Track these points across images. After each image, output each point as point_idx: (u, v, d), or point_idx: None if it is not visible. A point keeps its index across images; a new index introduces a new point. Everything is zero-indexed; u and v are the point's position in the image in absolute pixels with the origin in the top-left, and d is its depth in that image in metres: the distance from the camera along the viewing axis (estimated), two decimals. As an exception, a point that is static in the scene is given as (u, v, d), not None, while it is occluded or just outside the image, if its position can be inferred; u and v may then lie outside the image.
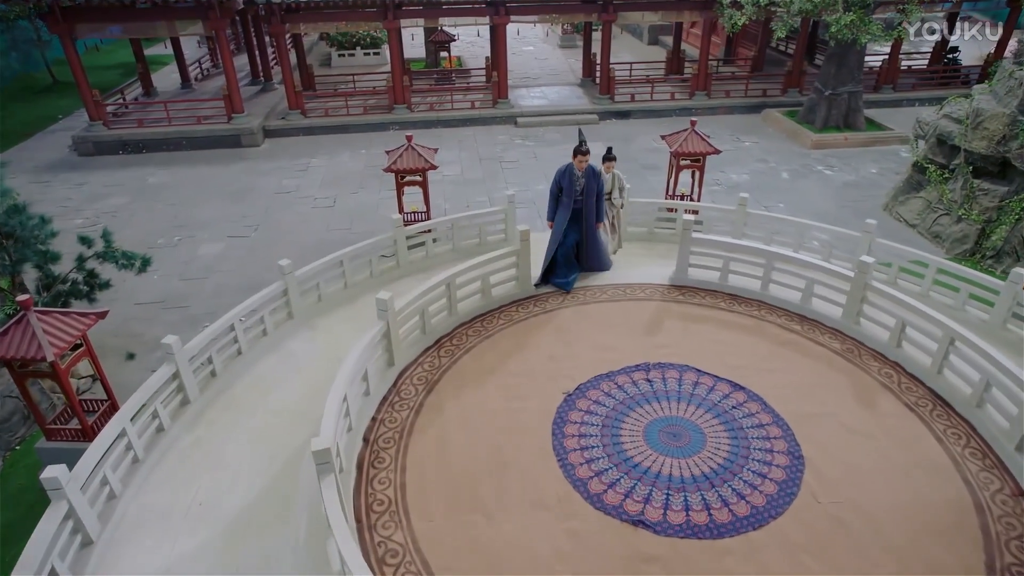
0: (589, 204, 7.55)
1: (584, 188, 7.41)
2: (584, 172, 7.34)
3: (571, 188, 7.37)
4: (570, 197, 7.40)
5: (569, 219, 7.50)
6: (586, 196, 7.46)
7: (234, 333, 7.07)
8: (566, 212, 7.47)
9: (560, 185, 7.45)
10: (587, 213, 7.58)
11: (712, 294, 7.60)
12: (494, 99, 17.47)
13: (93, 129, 15.18)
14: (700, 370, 6.34)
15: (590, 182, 7.40)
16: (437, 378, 6.33)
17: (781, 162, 14.48)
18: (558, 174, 7.43)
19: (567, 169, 7.37)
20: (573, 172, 7.33)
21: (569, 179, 7.34)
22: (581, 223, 7.59)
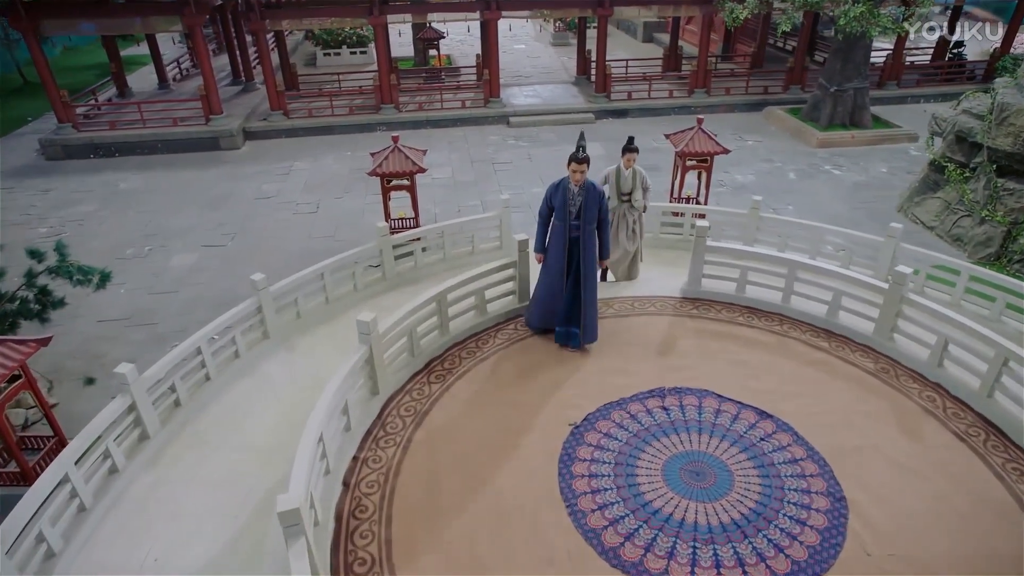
0: (588, 233, 5.82)
1: (581, 209, 5.75)
2: (581, 187, 5.73)
3: (564, 208, 5.81)
4: (563, 221, 5.83)
5: (565, 252, 5.90)
6: (584, 221, 5.77)
7: (201, 357, 6.36)
8: (560, 242, 5.87)
9: (551, 204, 5.92)
10: (584, 245, 5.85)
11: (728, 307, 6.94)
12: (485, 98, 16.79)
13: (62, 132, 14.37)
14: (721, 395, 5.68)
15: (590, 202, 5.73)
16: (427, 408, 5.63)
17: (787, 162, 13.88)
18: (549, 190, 5.91)
19: (560, 184, 5.81)
20: (567, 187, 5.78)
21: (562, 197, 5.79)
22: (576, 259, 5.91)
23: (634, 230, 7.29)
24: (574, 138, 12.01)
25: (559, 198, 5.83)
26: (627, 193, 7.09)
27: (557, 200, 5.85)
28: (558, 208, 5.85)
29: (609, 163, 14.65)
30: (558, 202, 5.84)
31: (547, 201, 5.97)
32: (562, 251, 5.90)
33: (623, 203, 7.15)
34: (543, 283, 6.14)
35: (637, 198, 7.12)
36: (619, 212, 7.14)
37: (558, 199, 5.84)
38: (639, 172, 7.05)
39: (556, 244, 5.93)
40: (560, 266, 5.93)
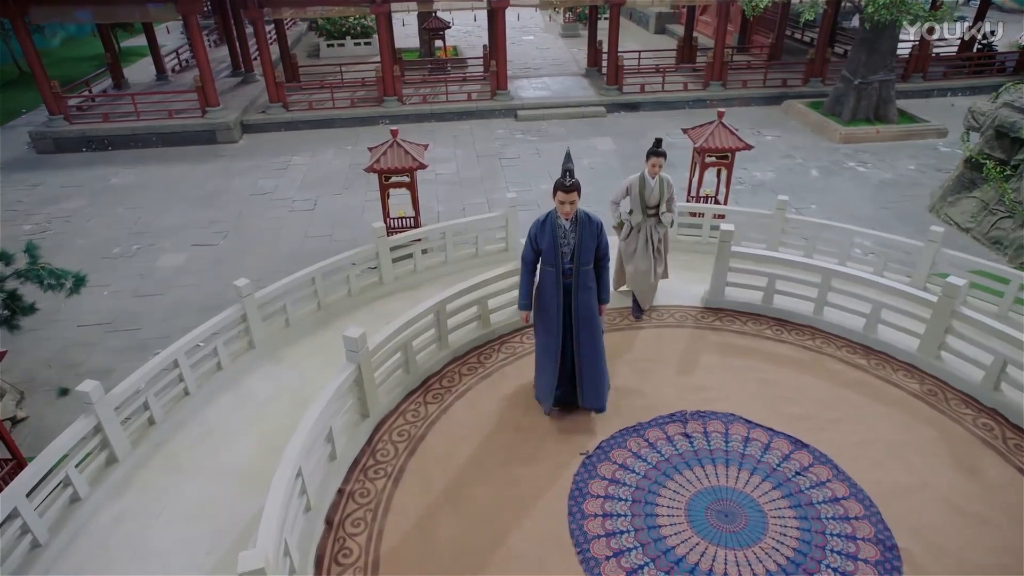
0: (584, 276, 4.63)
1: (576, 250, 4.56)
2: (574, 221, 4.53)
3: (554, 249, 4.56)
4: (555, 265, 4.61)
5: (559, 305, 4.70)
6: (578, 262, 4.58)
7: (179, 370, 5.84)
8: (553, 292, 4.67)
9: (537, 246, 4.63)
10: (579, 293, 4.65)
11: (755, 319, 6.34)
12: (492, 90, 16.17)
13: (54, 124, 13.88)
14: (750, 421, 5.08)
15: (586, 239, 4.53)
16: (423, 432, 5.08)
17: (809, 158, 13.21)
18: (533, 230, 4.63)
19: (546, 220, 4.58)
20: (555, 222, 4.54)
21: (551, 235, 4.54)
22: (570, 311, 4.71)
23: (659, 250, 6.27)
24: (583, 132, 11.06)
25: (547, 238, 4.56)
26: (654, 206, 6.08)
27: (544, 240, 4.57)
28: (547, 250, 4.58)
29: (619, 159, 14.02)
30: (546, 243, 4.57)
31: (531, 243, 4.64)
32: (556, 303, 4.67)
33: (649, 218, 6.10)
34: (540, 348, 4.94)
35: (664, 212, 6.09)
36: (644, 229, 6.11)
37: (545, 239, 4.56)
38: (666, 180, 6.03)
39: (548, 296, 4.68)
40: (556, 322, 4.72)
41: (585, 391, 4.95)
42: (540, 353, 4.98)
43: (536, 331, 4.98)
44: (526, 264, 4.77)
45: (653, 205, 6.05)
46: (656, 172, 5.93)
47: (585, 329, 4.75)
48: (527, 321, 4.88)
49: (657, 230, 6.20)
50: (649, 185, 6.00)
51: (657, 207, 6.06)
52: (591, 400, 4.99)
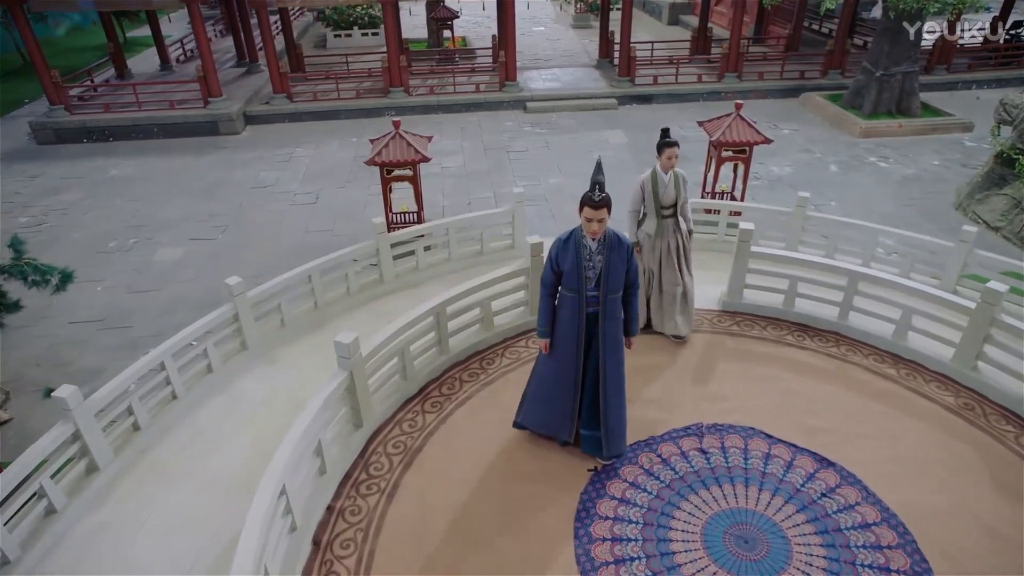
0: (611, 305, 4.09)
1: (603, 275, 4.03)
2: (602, 242, 3.99)
3: (577, 273, 4.03)
4: (576, 291, 4.06)
5: (579, 333, 4.14)
6: (606, 289, 4.04)
7: (165, 373, 5.56)
8: (573, 320, 4.12)
9: (558, 268, 4.12)
10: (606, 322, 4.12)
11: (775, 323, 5.97)
12: (501, 81, 15.78)
13: (54, 115, 13.65)
14: (771, 436, 4.73)
15: (614, 263, 3.99)
16: (419, 444, 4.76)
17: (827, 152, 12.74)
18: (555, 248, 4.10)
19: (570, 239, 4.05)
20: (580, 242, 4.00)
21: (575, 257, 4.00)
22: (595, 344, 4.18)
23: (683, 256, 5.50)
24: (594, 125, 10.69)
25: (570, 259, 4.01)
26: (670, 205, 5.36)
27: (567, 262, 4.03)
28: (569, 273, 4.05)
29: (631, 152, 13.61)
30: (568, 264, 4.02)
31: (552, 264, 4.11)
32: (575, 332, 4.13)
33: (665, 219, 5.40)
34: (547, 376, 4.37)
35: (685, 209, 5.44)
36: (662, 234, 5.44)
37: (568, 260, 4.02)
38: (682, 176, 5.38)
39: (567, 323, 4.16)
40: (573, 353, 4.18)
41: (611, 437, 4.34)
42: (545, 386, 4.41)
43: (541, 359, 4.43)
44: (545, 287, 4.21)
45: (669, 204, 5.39)
46: (671, 166, 5.29)
47: (611, 363, 4.20)
48: (547, 350, 4.31)
49: (676, 232, 5.49)
50: (663, 182, 5.32)
51: (674, 206, 5.41)
52: (616, 447, 4.40)
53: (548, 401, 4.44)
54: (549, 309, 4.24)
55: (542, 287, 4.24)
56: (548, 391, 4.41)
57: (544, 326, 4.27)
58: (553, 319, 4.24)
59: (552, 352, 4.30)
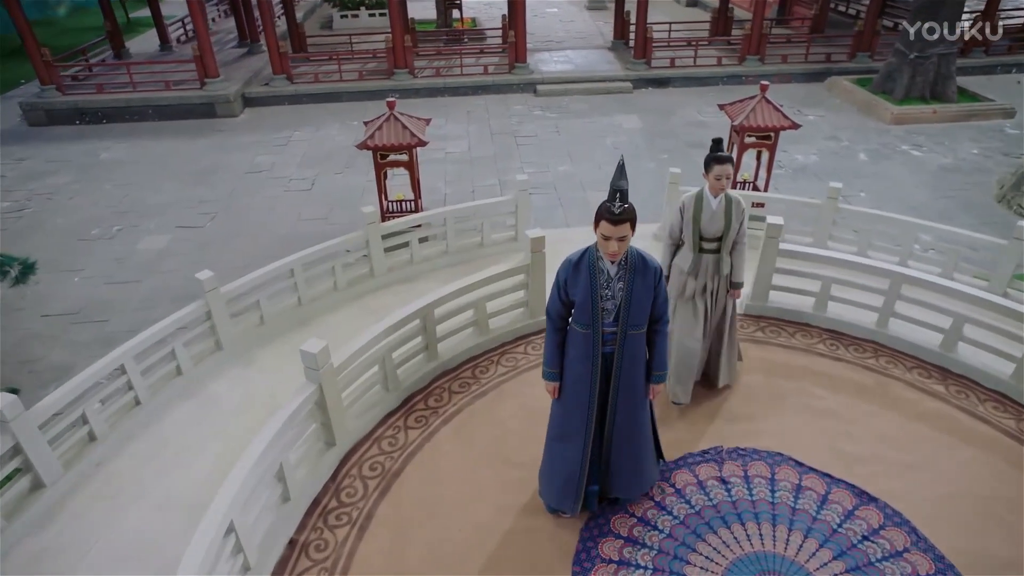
0: (633, 345, 3.32)
1: (623, 306, 3.23)
2: (623, 263, 3.20)
3: (591, 304, 3.23)
4: (591, 326, 3.26)
5: (593, 379, 3.37)
6: (626, 324, 3.27)
7: (126, 377, 5.04)
8: (586, 360, 3.34)
9: (567, 297, 3.33)
10: (626, 362, 3.35)
11: (805, 330, 5.33)
12: (510, 63, 15.07)
13: (46, 95, 13.16)
14: (801, 463, 4.12)
15: (638, 291, 3.21)
16: (399, 466, 4.20)
17: (856, 140, 11.97)
18: (563, 272, 3.31)
19: (582, 261, 3.24)
20: (596, 265, 3.20)
21: (587, 283, 3.21)
22: (610, 387, 3.42)
23: (724, 310, 4.41)
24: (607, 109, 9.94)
25: (582, 287, 3.21)
26: (714, 238, 4.20)
27: (578, 290, 3.23)
28: (581, 304, 3.24)
29: (645, 138, 12.87)
30: (580, 294, 3.22)
31: (560, 291, 3.31)
32: (587, 378, 3.35)
33: (705, 253, 4.23)
34: (560, 432, 3.60)
35: (739, 250, 4.28)
36: (697, 271, 4.27)
37: (580, 288, 3.22)
38: (736, 201, 4.19)
39: (579, 367, 3.36)
40: (585, 402, 3.42)
41: (612, 479, 3.65)
42: (559, 436, 3.61)
43: (554, 408, 3.62)
44: (552, 320, 3.41)
45: (714, 237, 4.18)
46: (721, 189, 4.09)
47: (625, 410, 3.44)
48: (555, 395, 3.54)
49: (716, 275, 4.25)
50: (710, 207, 4.12)
51: (720, 240, 4.19)
52: (619, 488, 3.72)
53: (567, 463, 3.58)
54: (557, 347, 3.43)
55: (548, 320, 3.43)
56: (563, 453, 3.58)
57: (552, 367, 3.46)
58: (562, 358, 3.44)
59: (562, 403, 3.51)
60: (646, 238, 7.66)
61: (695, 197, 4.19)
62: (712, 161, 4.04)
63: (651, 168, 10.83)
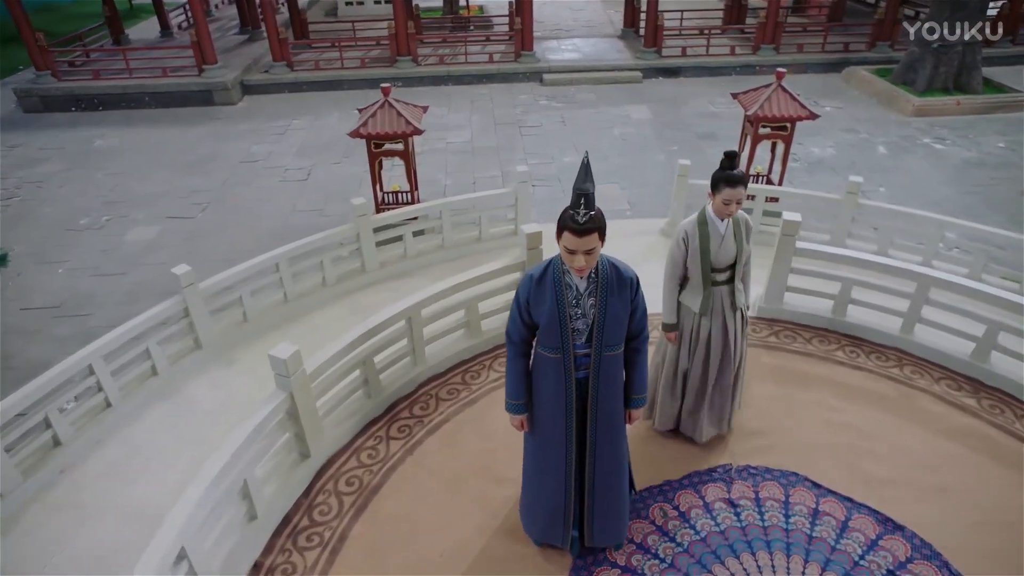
0: (609, 366, 2.91)
1: (596, 325, 2.82)
2: (592, 276, 2.79)
3: (559, 326, 2.81)
4: (560, 349, 2.85)
5: (568, 407, 2.97)
6: (599, 344, 2.85)
7: (95, 378, 4.75)
8: (557, 388, 2.93)
9: (529, 318, 2.90)
10: (600, 389, 2.94)
11: (822, 335, 4.94)
12: (517, 52, 14.65)
13: (41, 81, 12.89)
14: (818, 484, 3.75)
15: (613, 306, 2.80)
16: (378, 480, 3.87)
17: (875, 132, 11.48)
18: (524, 289, 2.87)
19: (546, 273, 2.81)
20: (561, 280, 2.78)
21: (554, 299, 2.78)
22: (587, 417, 3.01)
23: (734, 342, 3.76)
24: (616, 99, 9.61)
25: (547, 306, 2.78)
26: (726, 267, 3.61)
27: (543, 310, 2.79)
28: (547, 326, 2.81)
29: (655, 129, 12.43)
30: (546, 314, 2.79)
31: (522, 312, 2.88)
32: (562, 407, 2.95)
33: (718, 286, 3.65)
34: (531, 461, 3.24)
35: (746, 273, 3.74)
36: (711, 310, 3.68)
37: (545, 308, 2.78)
38: (745, 221, 3.62)
39: (550, 393, 2.95)
40: (561, 433, 3.01)
41: (596, 527, 3.24)
42: (536, 470, 3.22)
43: (527, 441, 3.22)
44: (513, 345, 2.96)
45: (725, 265, 3.58)
46: (730, 213, 3.43)
47: (605, 443, 3.04)
48: (523, 428, 3.14)
49: (728, 307, 3.67)
50: (717, 233, 3.50)
51: (732, 267, 3.61)
52: (604, 536, 3.31)
53: (546, 497, 3.21)
54: (520, 374, 2.99)
55: (509, 344, 2.98)
56: (542, 487, 3.21)
57: (515, 398, 3.01)
58: (529, 386, 3.03)
59: (536, 436, 3.11)
60: (652, 234, 7.29)
61: (697, 223, 3.52)
62: (721, 181, 3.35)
63: (660, 160, 10.42)
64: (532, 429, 3.11)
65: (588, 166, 2.60)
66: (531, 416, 3.08)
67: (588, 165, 2.60)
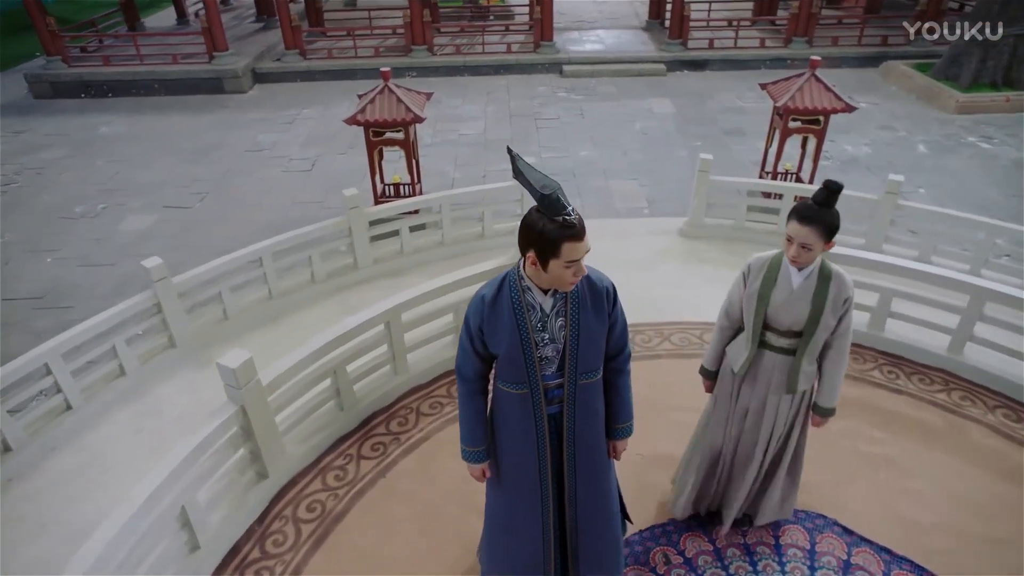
0: (587, 395, 2.40)
1: (569, 348, 2.30)
2: (560, 294, 2.27)
3: (522, 356, 2.29)
4: (526, 382, 2.33)
5: (540, 449, 2.46)
6: (573, 371, 2.33)
7: (52, 378, 4.39)
8: (527, 427, 2.42)
9: (484, 349, 2.37)
10: (578, 422, 2.43)
11: (856, 352, 4.38)
12: (536, 42, 14.12)
13: (51, 67, 12.72)
14: (851, 531, 3.20)
15: (586, 322, 2.29)
16: (343, 507, 3.42)
17: (914, 130, 10.75)
18: (475, 313, 2.33)
19: (500, 293, 2.28)
20: (520, 300, 2.25)
21: (513, 323, 2.26)
22: (563, 459, 2.50)
23: (769, 431, 2.94)
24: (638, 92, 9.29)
25: (506, 332, 2.28)
26: (788, 331, 2.75)
27: (501, 338, 2.30)
28: (508, 357, 2.31)
29: (677, 123, 11.90)
30: (505, 343, 2.29)
31: (474, 341, 2.37)
32: (534, 450, 2.45)
33: (773, 352, 2.81)
34: (500, 512, 2.70)
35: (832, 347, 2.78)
36: (758, 375, 2.88)
37: (503, 336, 2.29)
38: (839, 281, 2.66)
39: (517, 435, 2.45)
40: (534, 479, 2.51)
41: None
42: (504, 527, 2.69)
43: (490, 493, 2.71)
44: (467, 382, 2.44)
45: (787, 330, 2.74)
46: (794, 257, 2.58)
47: (588, 485, 2.54)
48: (484, 477, 2.61)
49: (789, 392, 2.82)
50: (787, 283, 2.68)
51: (799, 336, 2.72)
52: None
53: (507, 554, 2.72)
54: (477, 415, 2.47)
55: (461, 382, 2.46)
56: (504, 542, 2.73)
57: (472, 444, 2.49)
58: (489, 430, 2.52)
59: (500, 482, 2.60)
60: (669, 233, 6.76)
61: (767, 261, 2.74)
62: (792, 213, 2.55)
63: (683, 156, 9.83)
64: (497, 478, 2.60)
65: (519, 158, 2.13)
66: (494, 462, 2.57)
67: (518, 157, 2.14)
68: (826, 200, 2.50)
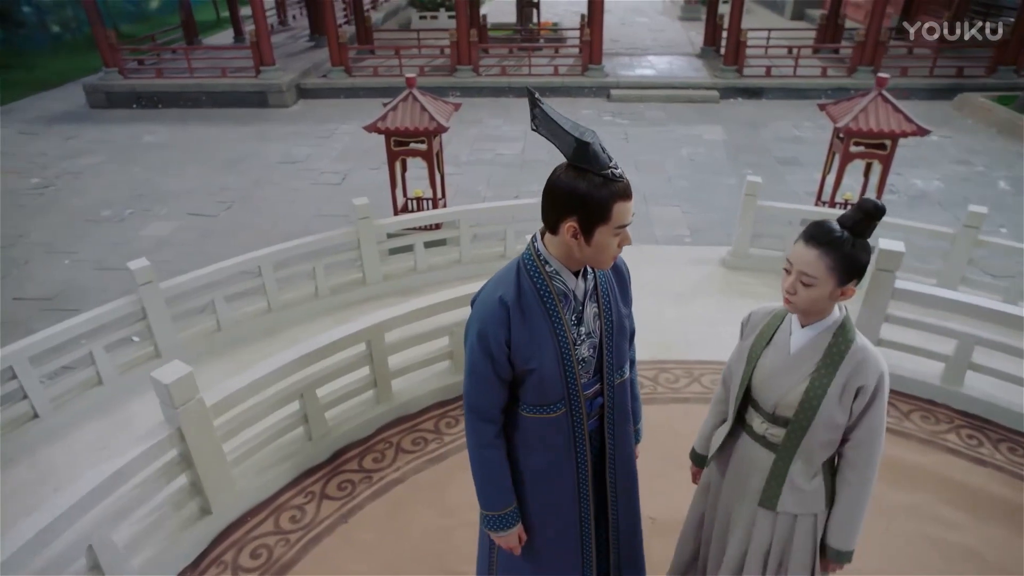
0: (621, 397, 1.94)
1: (605, 343, 1.86)
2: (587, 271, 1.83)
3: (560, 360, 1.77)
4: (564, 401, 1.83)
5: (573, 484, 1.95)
6: (610, 370, 1.88)
7: (18, 383, 4.07)
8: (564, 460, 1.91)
9: (509, 370, 1.78)
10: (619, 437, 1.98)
11: (927, 410, 3.63)
12: (584, 64, 13.76)
13: (108, 78, 13.07)
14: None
15: (614, 298, 1.88)
16: (294, 555, 2.90)
17: (994, 165, 9.80)
18: (491, 324, 1.73)
19: (520, 285, 1.75)
20: (546, 288, 1.75)
21: (547, 320, 1.76)
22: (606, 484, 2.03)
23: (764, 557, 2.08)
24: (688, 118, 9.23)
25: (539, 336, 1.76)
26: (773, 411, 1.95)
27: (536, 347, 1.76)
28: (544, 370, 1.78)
29: (727, 151, 11.47)
30: (542, 351, 1.77)
31: (497, 366, 1.77)
32: (571, 482, 1.95)
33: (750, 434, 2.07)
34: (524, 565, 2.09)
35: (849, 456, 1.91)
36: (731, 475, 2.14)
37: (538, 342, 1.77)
38: (858, 358, 1.81)
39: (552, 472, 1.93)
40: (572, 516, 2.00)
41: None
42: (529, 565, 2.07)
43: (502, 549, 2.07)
44: (488, 423, 1.86)
45: (772, 410, 1.95)
46: (799, 302, 1.83)
47: (627, 508, 2.11)
48: (519, 544, 2.00)
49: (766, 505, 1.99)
50: (784, 342, 1.94)
51: (788, 424, 1.90)
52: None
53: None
54: (502, 468, 1.90)
55: (477, 425, 1.86)
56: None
57: (503, 505, 1.92)
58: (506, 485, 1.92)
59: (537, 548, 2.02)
60: (711, 263, 6.14)
61: (772, 315, 2.03)
62: (802, 235, 1.82)
63: (732, 184, 9.17)
64: (535, 536, 2.01)
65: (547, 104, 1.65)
66: (526, 516, 1.98)
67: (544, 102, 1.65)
68: (856, 225, 1.72)
